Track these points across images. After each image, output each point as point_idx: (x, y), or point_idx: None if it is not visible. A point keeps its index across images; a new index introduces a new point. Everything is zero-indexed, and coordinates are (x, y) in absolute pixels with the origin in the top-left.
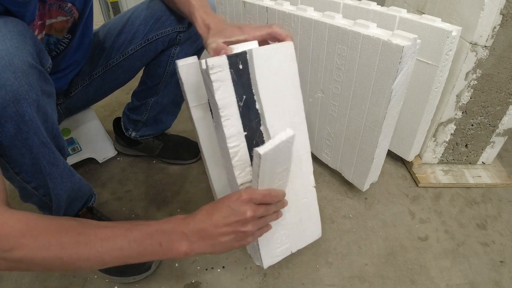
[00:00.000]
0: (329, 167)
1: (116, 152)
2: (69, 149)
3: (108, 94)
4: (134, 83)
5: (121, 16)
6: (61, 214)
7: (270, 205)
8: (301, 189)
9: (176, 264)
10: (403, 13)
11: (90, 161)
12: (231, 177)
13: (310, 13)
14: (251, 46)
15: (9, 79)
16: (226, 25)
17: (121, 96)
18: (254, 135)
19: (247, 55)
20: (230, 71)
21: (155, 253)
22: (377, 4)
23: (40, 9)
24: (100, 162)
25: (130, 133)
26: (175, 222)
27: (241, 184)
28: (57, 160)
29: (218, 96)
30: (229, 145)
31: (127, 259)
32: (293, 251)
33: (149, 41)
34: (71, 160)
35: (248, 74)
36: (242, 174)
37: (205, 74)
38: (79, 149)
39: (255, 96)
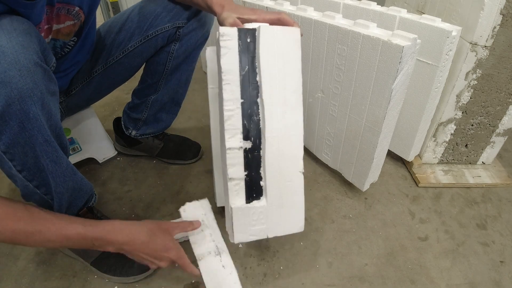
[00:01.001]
0: (329, 167)
1: (116, 152)
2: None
3: (108, 93)
4: (134, 83)
5: (121, 14)
6: (63, 213)
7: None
8: (286, 170)
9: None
10: (403, 13)
11: (90, 161)
12: (222, 142)
13: (310, 13)
14: (262, 25)
15: (14, 77)
16: (238, 5)
17: (121, 96)
18: (250, 104)
19: (256, 31)
20: (238, 42)
21: (86, 247)
22: (377, 4)
23: (48, 13)
24: (100, 162)
25: (130, 132)
26: (109, 232)
27: (229, 149)
28: (60, 159)
29: (223, 61)
30: (224, 107)
31: (63, 247)
32: (269, 236)
33: (148, 38)
34: (71, 160)
35: (254, 48)
36: (231, 139)
37: (217, 42)
38: (79, 149)
39: (257, 69)
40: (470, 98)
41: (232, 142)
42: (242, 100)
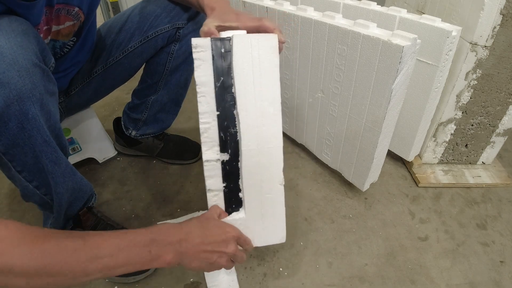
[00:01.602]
0: (329, 167)
1: (116, 152)
2: (69, 149)
3: (108, 93)
4: (134, 83)
5: (121, 14)
6: (62, 213)
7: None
8: (266, 182)
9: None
10: (403, 13)
11: (90, 161)
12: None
13: (310, 13)
14: (239, 33)
15: (13, 78)
16: (228, 9)
17: (121, 96)
18: (226, 116)
19: (231, 41)
20: (212, 53)
21: (142, 261)
22: (377, 4)
23: (47, 14)
24: (100, 162)
25: (130, 132)
26: (161, 231)
27: (206, 161)
28: (59, 159)
29: (198, 73)
30: (200, 120)
31: (113, 269)
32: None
33: (148, 38)
34: (71, 160)
35: (229, 58)
36: (208, 152)
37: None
38: (79, 149)
39: (232, 80)
40: (470, 98)
41: (209, 154)
42: (218, 112)
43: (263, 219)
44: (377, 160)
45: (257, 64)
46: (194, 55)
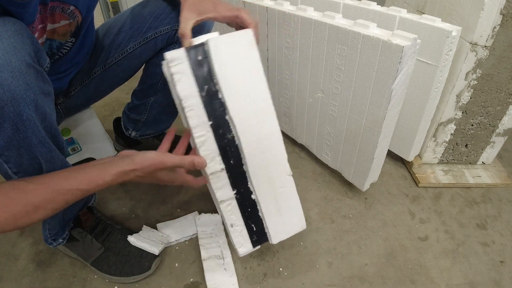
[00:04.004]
0: (329, 167)
1: (116, 152)
2: (69, 149)
3: (107, 93)
4: (134, 83)
5: (120, 15)
6: (61, 213)
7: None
8: (275, 177)
9: (176, 264)
10: (403, 13)
11: (90, 161)
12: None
13: (310, 13)
14: (211, 36)
15: (6, 79)
16: (201, 0)
17: (121, 96)
18: (220, 124)
19: (205, 46)
20: (189, 63)
21: (101, 175)
22: (377, 4)
23: (42, 12)
24: None
25: (130, 132)
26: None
27: (211, 174)
28: (56, 159)
29: (180, 88)
30: (194, 135)
31: (78, 191)
32: (274, 242)
33: (147, 39)
34: (71, 160)
35: (208, 64)
36: (211, 164)
37: (166, 68)
38: (79, 149)
39: (217, 86)
40: (470, 98)
41: (213, 166)
42: (211, 122)
43: (280, 213)
44: (377, 160)
45: (237, 63)
46: (172, 70)
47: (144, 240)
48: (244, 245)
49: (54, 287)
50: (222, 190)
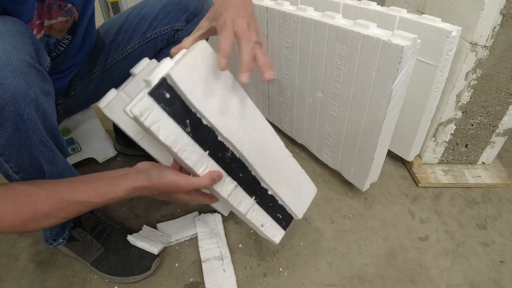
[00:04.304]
0: (329, 167)
1: (116, 152)
2: (69, 149)
3: None
4: None
5: (119, 15)
6: None
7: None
8: (282, 165)
9: (176, 264)
10: (403, 13)
11: (90, 161)
12: (216, 194)
13: (310, 13)
14: (166, 66)
15: (7, 78)
16: (229, 7)
17: None
18: (216, 148)
19: (168, 80)
20: (160, 106)
21: (113, 191)
22: (377, 4)
23: (39, 8)
24: (100, 162)
25: None
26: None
27: (228, 195)
28: (56, 159)
29: (163, 136)
30: (197, 171)
31: (88, 204)
32: (299, 217)
33: (147, 40)
34: (71, 160)
35: (179, 98)
36: (224, 187)
37: (137, 121)
38: (79, 149)
39: (197, 114)
40: (470, 98)
41: (226, 188)
42: (207, 151)
43: (296, 192)
44: (377, 160)
45: (206, 81)
46: (147, 123)
47: (144, 240)
48: (278, 234)
49: (54, 287)
50: (243, 203)
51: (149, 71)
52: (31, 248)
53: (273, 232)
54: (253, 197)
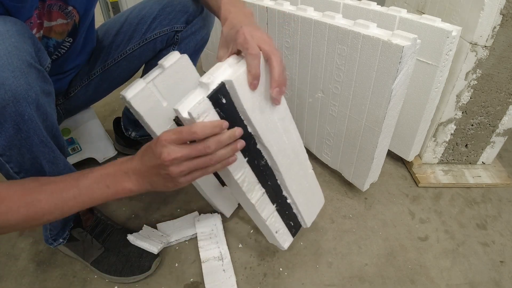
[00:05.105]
0: (329, 167)
1: (116, 152)
2: (69, 149)
3: (107, 94)
4: None
5: (119, 15)
6: None
7: (200, 143)
8: (303, 176)
9: (176, 264)
10: (403, 13)
11: (90, 161)
12: (241, 199)
13: (310, 13)
14: (225, 72)
15: (8, 79)
16: (241, 25)
17: None
18: (254, 155)
19: (227, 86)
20: (216, 110)
21: (105, 195)
22: (377, 4)
23: (39, 8)
24: (100, 162)
25: (130, 133)
26: (116, 165)
27: (256, 202)
28: (57, 159)
29: None
30: (235, 177)
31: (82, 205)
32: (308, 226)
33: (147, 41)
34: (71, 160)
35: (232, 103)
36: (253, 194)
37: (186, 122)
38: (79, 149)
39: (245, 121)
40: (470, 98)
41: (255, 195)
42: (247, 158)
43: (309, 202)
44: (377, 160)
45: (256, 89)
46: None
47: (144, 239)
48: (287, 240)
49: (54, 287)
50: (266, 210)
51: (181, 67)
52: (31, 248)
53: (284, 238)
54: (275, 205)
